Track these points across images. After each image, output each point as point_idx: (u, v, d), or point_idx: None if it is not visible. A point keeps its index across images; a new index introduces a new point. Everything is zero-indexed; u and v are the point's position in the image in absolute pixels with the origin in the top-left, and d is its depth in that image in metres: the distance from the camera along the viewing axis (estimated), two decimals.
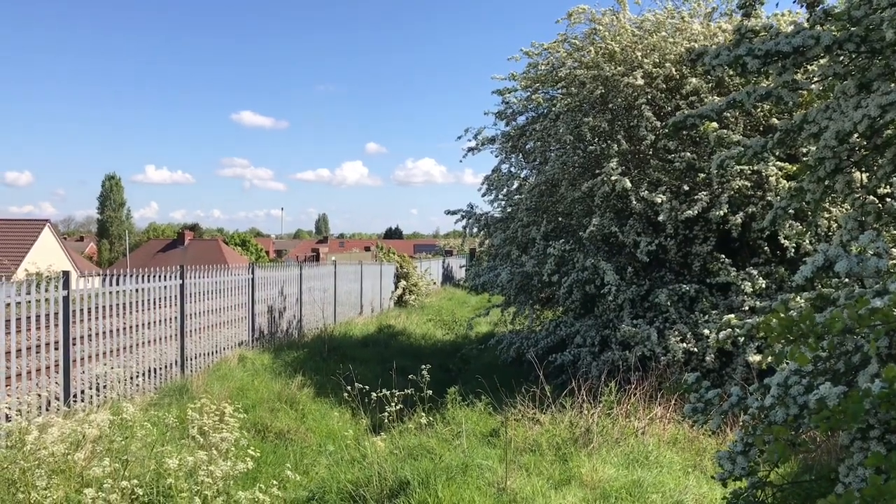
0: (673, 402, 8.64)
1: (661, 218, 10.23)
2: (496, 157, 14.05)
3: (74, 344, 8.91)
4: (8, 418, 6.93)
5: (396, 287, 27.06)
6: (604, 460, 7.02)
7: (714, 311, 10.09)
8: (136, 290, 10.29)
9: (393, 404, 7.37)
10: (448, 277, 42.11)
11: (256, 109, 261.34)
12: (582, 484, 6.50)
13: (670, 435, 8.08)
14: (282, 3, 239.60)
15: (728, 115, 10.06)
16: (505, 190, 13.80)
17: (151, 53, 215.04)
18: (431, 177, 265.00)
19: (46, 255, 46.48)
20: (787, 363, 3.44)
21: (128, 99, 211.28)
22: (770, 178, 10.04)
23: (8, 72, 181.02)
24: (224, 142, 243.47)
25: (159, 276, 10.90)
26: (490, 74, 13.96)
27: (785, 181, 9.82)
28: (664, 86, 11.21)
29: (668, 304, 10.22)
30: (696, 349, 9.72)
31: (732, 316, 4.41)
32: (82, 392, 8.91)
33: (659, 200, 10.24)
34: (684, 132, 10.55)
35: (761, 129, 10.82)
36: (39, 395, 7.99)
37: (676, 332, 9.89)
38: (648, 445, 7.54)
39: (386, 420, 7.62)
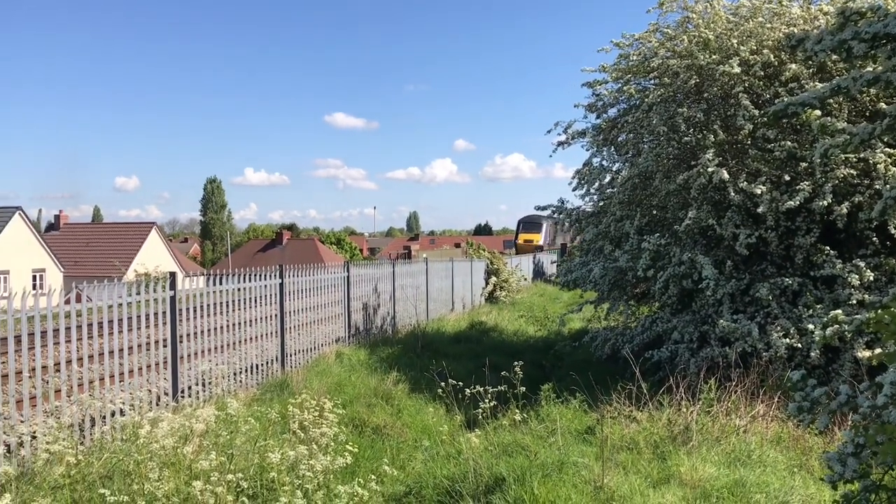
0: (776, 399, 8.36)
1: (760, 209, 9.90)
2: (587, 150, 13.87)
3: (181, 341, 9.30)
4: (122, 413, 7.32)
5: (487, 283, 27.08)
6: (704, 459, 6.86)
7: (819, 306, 9.70)
8: (238, 290, 10.66)
9: (487, 401, 7.39)
10: (539, 273, 41.86)
11: (348, 111, 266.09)
12: (681, 483, 6.37)
13: (774, 433, 7.82)
14: (368, 8, 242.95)
15: (831, 101, 9.63)
16: (597, 184, 13.60)
17: (249, 62, 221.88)
18: (520, 172, 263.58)
19: (154, 256, 48.68)
20: None
21: (228, 105, 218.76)
22: (878, 165, 9.56)
23: (118, 83, 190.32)
24: (318, 143, 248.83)
25: (259, 276, 11.26)
26: (579, 67, 13.81)
27: (895, 168, 9.36)
28: (762, 73, 10.82)
29: (770, 298, 9.88)
30: (799, 345, 9.36)
31: (839, 311, 4.23)
32: (189, 388, 9.29)
33: (758, 191, 9.91)
34: (784, 121, 10.18)
35: (867, 114, 10.31)
36: (150, 391, 8.38)
37: (779, 328, 9.56)
38: (751, 444, 7.32)
39: (480, 416, 7.64)
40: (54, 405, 7.15)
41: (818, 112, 4.98)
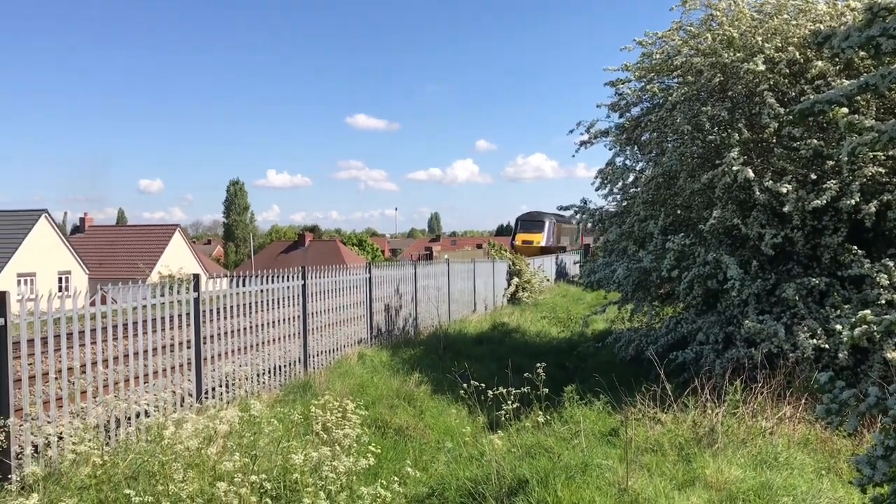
0: (803, 401, 8.25)
1: (786, 209, 9.78)
2: (610, 150, 13.77)
3: (205, 343, 9.35)
4: (147, 414, 7.37)
5: (509, 284, 27.04)
6: (730, 461, 6.78)
7: (847, 306, 9.57)
8: (261, 291, 10.71)
9: (509, 402, 7.36)
10: (562, 274, 41.72)
11: (369, 112, 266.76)
12: (707, 485, 6.30)
13: (801, 435, 7.72)
14: (388, 9, 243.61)
15: (859, 98, 9.49)
16: (620, 183, 13.51)
17: (271, 65, 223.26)
18: (542, 172, 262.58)
19: (178, 257, 49.12)
20: None
21: (250, 108, 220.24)
22: None
23: (142, 87, 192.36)
24: (340, 145, 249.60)
25: (282, 277, 11.31)
26: (601, 66, 13.70)
27: None
28: (787, 70, 10.70)
29: (797, 298, 9.77)
30: (827, 345, 9.24)
31: (868, 311, 4.15)
32: (213, 389, 9.35)
33: (784, 190, 9.79)
34: (811, 119, 10.06)
35: None
36: (174, 392, 8.43)
37: (806, 328, 9.44)
38: (777, 446, 7.23)
39: (503, 418, 7.61)
40: (80, 406, 7.21)
41: (845, 110, 4.90)
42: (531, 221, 50.51)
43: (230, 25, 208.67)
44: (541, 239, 48.49)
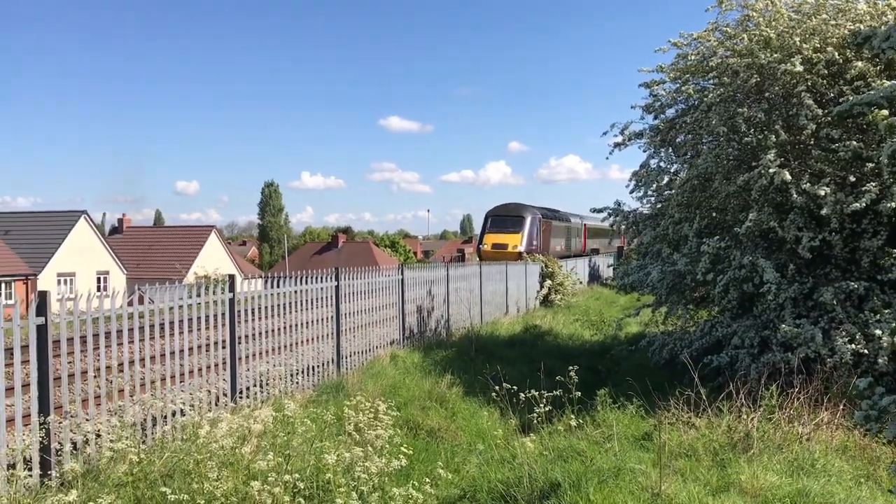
0: (841, 407, 8.11)
1: (824, 212, 9.63)
2: (644, 151, 13.68)
3: (239, 343, 9.45)
4: (182, 413, 7.47)
5: (542, 286, 26.95)
6: (765, 467, 6.69)
7: (887, 311, 9.39)
8: (295, 292, 10.79)
9: (542, 405, 7.33)
10: (595, 276, 41.48)
11: (402, 115, 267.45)
12: (742, 491, 6.23)
13: (839, 442, 7.59)
14: (420, 11, 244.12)
15: None
16: (654, 185, 13.40)
17: (303, 70, 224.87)
18: (576, 174, 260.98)
19: (213, 258, 49.72)
20: None
21: (285, 111, 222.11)
22: None
23: (179, 90, 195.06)
24: (373, 147, 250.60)
25: (316, 279, 11.39)
26: (635, 67, 13.62)
27: None
28: (826, 71, 10.53)
29: (835, 302, 9.61)
30: (866, 351, 9.08)
31: None
32: (247, 388, 9.44)
33: (822, 193, 9.63)
34: (849, 120, 9.90)
35: None
36: (209, 392, 8.53)
37: (844, 333, 9.28)
38: (814, 453, 7.11)
39: (535, 421, 7.59)
40: (118, 404, 7.33)
41: (885, 112, 4.81)
42: (505, 218, 35.31)
43: (265, 32, 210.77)
44: (518, 242, 33.70)
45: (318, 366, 11.32)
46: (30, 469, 6.07)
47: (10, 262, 40.41)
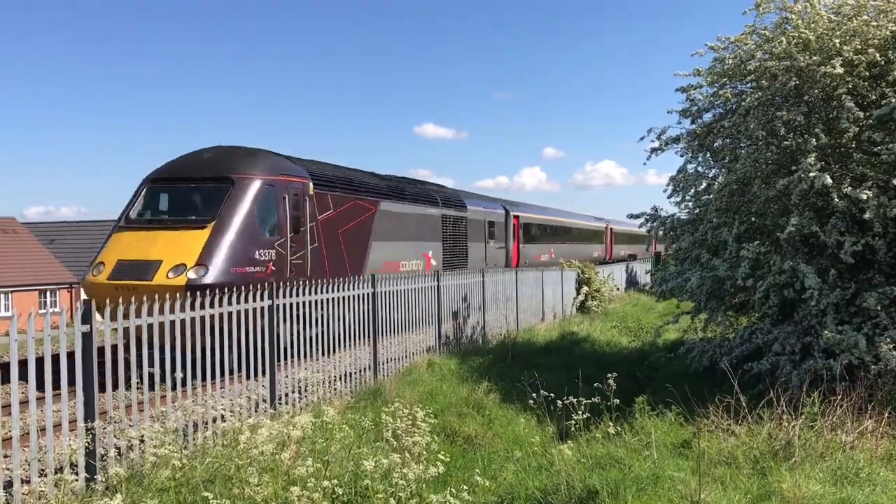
0: (886, 415, 7.96)
1: (867, 216, 9.47)
2: (681, 156, 13.54)
3: (278, 349, 9.55)
4: (223, 419, 7.58)
5: (578, 293, 26.81)
6: (807, 476, 6.59)
7: None
8: (332, 300, 10.89)
9: (579, 412, 7.31)
10: (632, 282, 41.12)
11: (437, 122, 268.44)
12: (783, 500, 6.14)
13: (884, 450, 7.45)
14: (455, 18, 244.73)
15: None
16: (692, 190, 13.28)
17: (342, 78, 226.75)
18: (612, 179, 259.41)
19: None
20: None
21: (322, 120, 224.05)
22: None
23: (218, 97, 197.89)
24: (409, 154, 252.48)
25: (353, 286, 11.48)
26: (671, 72, 13.52)
27: None
28: (867, 73, 10.36)
29: (878, 308, 9.44)
30: None
31: None
32: (286, 395, 9.54)
33: (864, 197, 9.47)
34: (891, 123, 9.73)
35: None
36: (249, 398, 8.64)
37: (888, 339, 9.10)
38: (859, 461, 6.99)
39: (572, 428, 7.56)
40: (160, 410, 7.46)
41: None
42: (186, 189, 13.69)
43: (296, 39, 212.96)
44: (194, 253, 12.31)
45: (355, 372, 11.40)
46: (76, 473, 6.21)
47: (55, 270, 41.38)
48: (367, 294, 11.96)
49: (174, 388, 7.82)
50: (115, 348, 6.97)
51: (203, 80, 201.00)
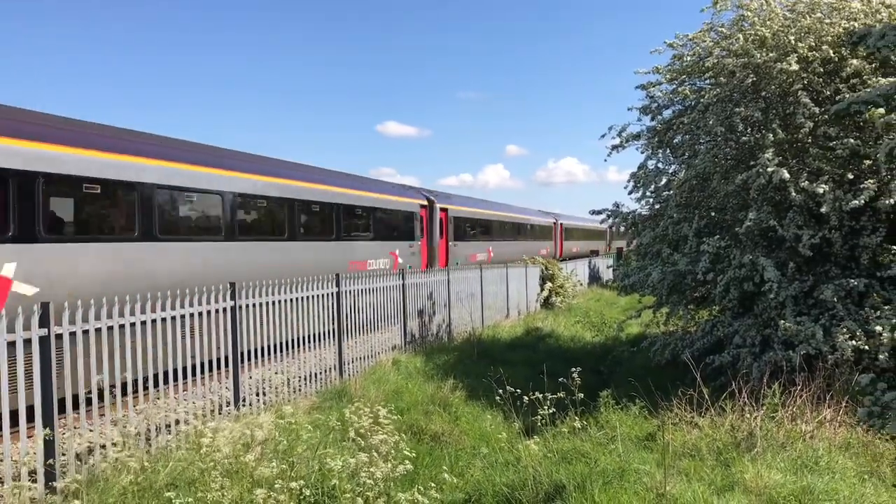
0: (844, 403, 8.12)
1: (823, 209, 9.66)
2: (642, 153, 13.74)
3: (241, 350, 9.45)
4: (186, 422, 7.47)
5: (542, 289, 26.93)
6: (769, 465, 6.69)
7: (887, 307, 9.40)
8: (295, 300, 10.79)
9: (545, 407, 7.34)
10: (595, 278, 41.43)
11: (400, 120, 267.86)
12: (746, 490, 6.23)
13: (842, 439, 7.59)
14: (417, 16, 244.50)
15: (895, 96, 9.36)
16: (653, 186, 13.44)
17: (300, 74, 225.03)
18: (573, 176, 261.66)
19: None
20: None
21: (280, 117, 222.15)
22: None
23: (176, 96, 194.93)
24: (371, 153, 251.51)
25: (317, 285, 11.40)
26: (632, 70, 13.65)
27: None
28: (821, 69, 10.57)
29: (835, 299, 9.63)
30: (867, 347, 9.08)
31: None
32: (250, 396, 9.44)
33: (821, 191, 9.66)
34: (846, 118, 9.92)
35: None
36: (212, 400, 8.54)
37: (845, 330, 9.29)
38: (818, 450, 7.12)
39: (538, 423, 7.59)
40: (121, 414, 7.34)
41: (882, 110, 4.84)
42: None
43: (258, 35, 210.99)
44: None
45: (320, 372, 11.33)
46: (34, 480, 6.08)
47: None
48: (332, 293, 11.89)
49: (136, 391, 7.69)
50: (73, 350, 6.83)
51: (158, 73, 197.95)
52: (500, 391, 7.79)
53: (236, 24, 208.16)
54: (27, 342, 6.35)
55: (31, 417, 6.39)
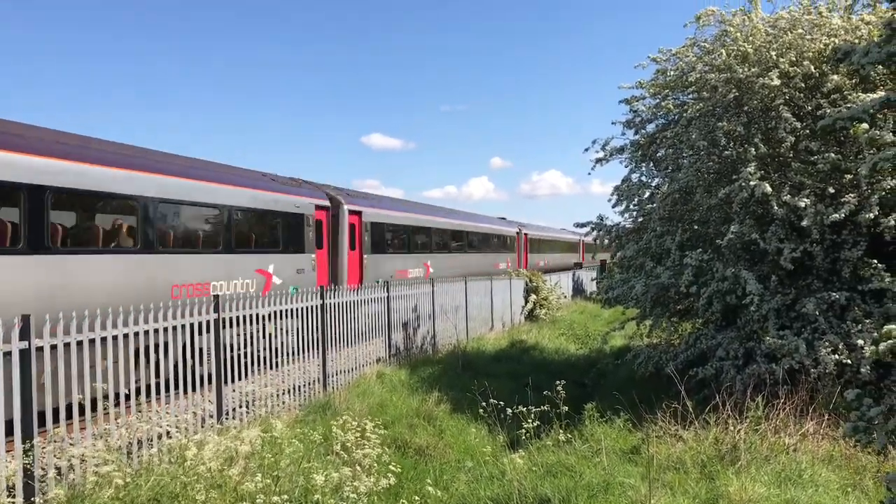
0: (827, 416, 8.18)
1: (805, 223, 9.74)
2: (625, 166, 13.82)
3: (224, 364, 9.37)
4: (168, 435, 7.40)
5: (527, 301, 26.96)
6: (753, 478, 6.72)
7: (868, 320, 9.48)
8: (281, 312, 10.73)
9: (530, 421, 7.33)
10: (578, 290, 41.51)
11: (385, 132, 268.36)
12: (730, 503, 6.25)
13: (825, 452, 7.64)
14: (403, 29, 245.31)
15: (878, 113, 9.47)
16: (636, 200, 13.52)
17: (286, 86, 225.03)
18: (557, 189, 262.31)
19: None
20: None
21: (265, 128, 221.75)
22: None
23: (151, 102, 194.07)
24: (356, 165, 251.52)
25: (301, 297, 11.34)
26: (616, 83, 13.74)
27: None
28: (803, 85, 10.69)
29: (817, 313, 9.69)
30: (849, 360, 9.15)
31: (894, 326, 4.10)
32: (233, 409, 9.36)
33: (802, 204, 9.75)
34: (833, 134, 10.01)
35: None
36: (195, 413, 8.46)
37: (827, 343, 9.35)
38: (801, 463, 7.16)
39: (523, 436, 7.58)
40: (104, 428, 7.25)
41: (866, 126, 4.90)
42: None
43: (245, 44, 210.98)
44: None
45: (304, 385, 11.25)
46: (13, 496, 5.98)
47: None
48: (316, 306, 11.83)
49: (117, 404, 7.60)
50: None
51: (140, 79, 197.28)
52: (485, 404, 7.78)
53: (221, 31, 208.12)
54: (6, 355, 6.27)
55: (9, 431, 6.30)
